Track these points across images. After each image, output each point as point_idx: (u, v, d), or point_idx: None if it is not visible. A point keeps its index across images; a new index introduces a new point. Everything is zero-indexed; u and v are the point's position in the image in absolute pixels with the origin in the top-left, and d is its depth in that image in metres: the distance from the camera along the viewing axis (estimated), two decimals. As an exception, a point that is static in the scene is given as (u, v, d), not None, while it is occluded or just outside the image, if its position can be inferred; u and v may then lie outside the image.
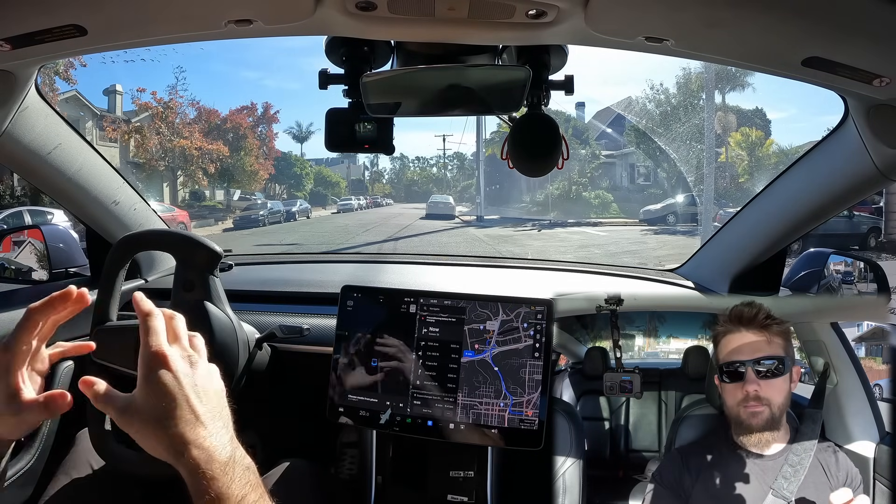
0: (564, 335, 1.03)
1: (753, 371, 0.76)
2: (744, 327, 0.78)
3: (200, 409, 0.47)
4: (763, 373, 0.76)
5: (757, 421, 0.77)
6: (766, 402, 0.76)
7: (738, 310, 0.79)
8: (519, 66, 0.70)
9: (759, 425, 0.77)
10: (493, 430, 0.93)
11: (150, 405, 0.46)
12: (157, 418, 0.45)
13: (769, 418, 0.77)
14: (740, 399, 0.77)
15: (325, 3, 0.58)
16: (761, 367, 0.76)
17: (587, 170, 20.27)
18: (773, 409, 0.77)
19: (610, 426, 1.06)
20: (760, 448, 0.79)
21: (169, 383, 0.46)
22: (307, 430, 1.31)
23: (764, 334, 0.77)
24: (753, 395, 0.76)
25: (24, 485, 1.00)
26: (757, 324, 0.78)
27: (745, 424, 0.78)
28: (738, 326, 0.79)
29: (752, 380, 0.76)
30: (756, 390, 0.76)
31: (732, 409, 0.79)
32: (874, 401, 0.84)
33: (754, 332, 0.78)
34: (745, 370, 0.77)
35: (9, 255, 1.32)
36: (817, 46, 0.60)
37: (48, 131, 0.97)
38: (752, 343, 0.77)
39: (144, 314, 0.50)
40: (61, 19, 0.60)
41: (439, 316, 0.99)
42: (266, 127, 20.55)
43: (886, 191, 10.36)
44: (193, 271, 1.00)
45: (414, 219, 19.10)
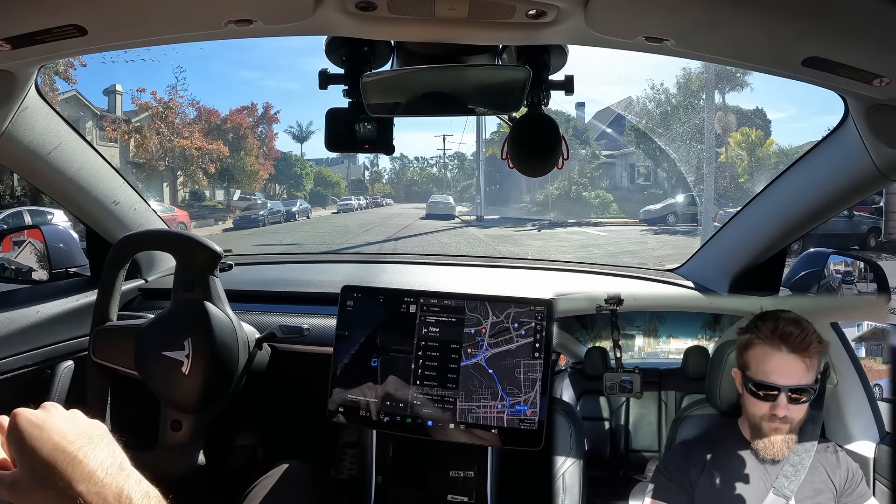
0: (564, 335, 1.03)
1: (787, 397, 0.75)
2: (787, 348, 0.75)
3: (73, 446, 0.44)
4: (795, 398, 0.76)
5: (777, 434, 0.77)
6: (790, 420, 0.76)
7: (786, 330, 0.76)
8: (519, 66, 0.70)
9: (779, 438, 0.78)
10: (493, 431, 0.93)
11: (30, 468, 0.43)
12: (43, 477, 0.43)
13: (788, 432, 0.78)
14: (766, 414, 0.77)
15: (325, 3, 0.59)
16: (797, 394, 0.75)
17: (587, 170, 20.25)
18: (794, 426, 0.77)
19: (610, 426, 1.06)
20: (773, 454, 0.79)
21: (34, 434, 0.44)
22: (307, 431, 1.31)
23: (804, 360, 0.75)
24: (781, 417, 0.76)
25: None
26: (802, 350, 0.75)
27: (766, 436, 0.78)
28: (781, 345, 0.75)
29: (784, 405, 0.75)
30: (785, 413, 0.76)
31: (754, 418, 0.79)
32: (874, 401, 0.84)
33: (797, 357, 0.75)
34: (778, 393, 0.76)
35: (9, 255, 1.32)
36: (817, 46, 0.60)
37: (48, 131, 0.97)
38: (791, 367, 0.75)
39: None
40: (61, 19, 0.60)
41: (439, 316, 0.99)
42: (266, 127, 20.53)
43: (886, 191, 10.36)
44: (193, 271, 1.00)
45: (414, 219, 19.09)
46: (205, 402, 0.97)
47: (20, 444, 0.44)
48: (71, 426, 0.46)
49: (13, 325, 1.02)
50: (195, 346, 0.95)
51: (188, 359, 0.94)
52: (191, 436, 0.97)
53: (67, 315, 1.12)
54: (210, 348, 0.96)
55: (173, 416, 0.96)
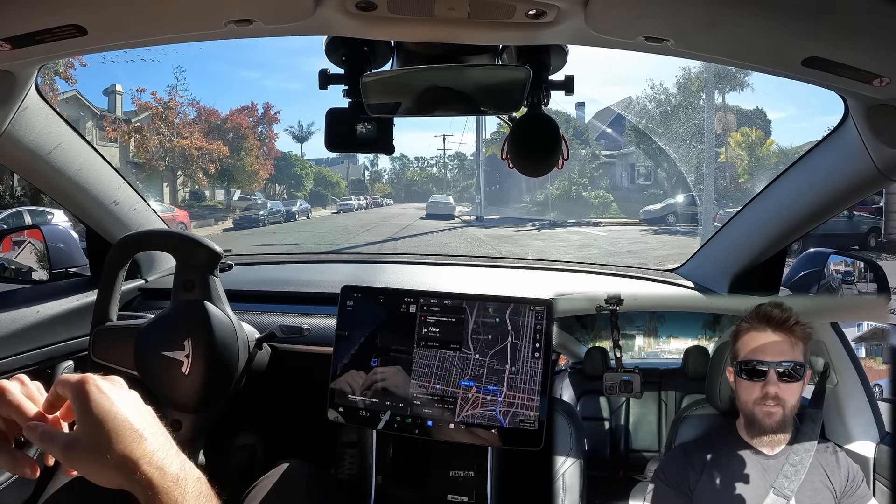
0: (564, 335, 1.03)
1: (775, 373, 0.77)
2: (770, 328, 0.78)
3: (141, 425, 0.46)
4: (784, 375, 0.77)
5: (771, 421, 0.78)
6: (783, 403, 0.77)
7: (767, 310, 0.79)
8: (519, 66, 0.70)
9: (773, 426, 0.78)
10: (493, 431, 0.93)
11: (93, 434, 0.45)
12: (102, 445, 0.44)
13: (782, 420, 0.78)
14: (758, 397, 0.78)
15: (325, 3, 0.58)
16: (783, 369, 0.77)
17: (587, 170, 20.25)
18: (787, 411, 0.78)
19: (610, 426, 1.06)
20: (769, 448, 0.79)
21: (104, 404, 0.46)
22: (307, 431, 1.31)
23: (790, 338, 0.78)
24: (773, 396, 0.77)
25: (24, 485, 1.00)
26: (786, 328, 0.78)
27: (759, 424, 0.79)
28: (765, 327, 0.78)
29: (773, 381, 0.77)
30: (776, 391, 0.77)
31: (747, 405, 0.79)
32: (874, 401, 0.84)
33: (780, 335, 0.78)
34: (767, 370, 0.77)
35: (9, 255, 1.32)
36: (817, 46, 0.60)
37: (48, 131, 0.97)
38: (776, 344, 0.78)
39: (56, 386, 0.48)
40: (61, 19, 0.60)
41: (439, 316, 0.99)
42: (266, 127, 20.55)
43: (886, 191, 10.37)
44: (193, 271, 1.00)
45: (414, 219, 19.09)
46: (205, 401, 0.97)
47: (86, 409, 0.45)
48: (138, 405, 0.49)
49: (13, 325, 1.02)
50: (195, 346, 0.95)
51: (188, 359, 0.94)
52: (191, 436, 0.97)
53: (67, 315, 1.12)
54: (210, 348, 0.96)
55: (173, 416, 0.96)
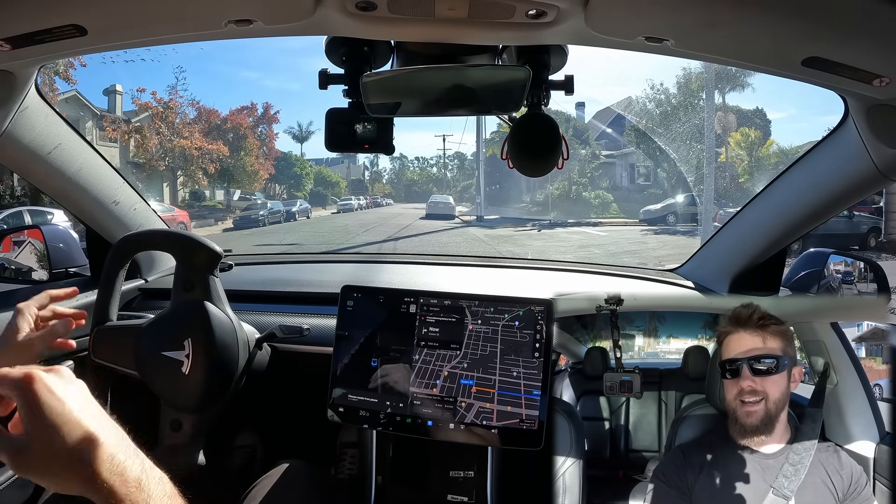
0: (564, 335, 1.03)
1: (749, 368, 0.79)
2: (741, 328, 0.81)
3: (95, 426, 0.42)
4: (758, 369, 0.79)
5: (751, 420, 0.79)
6: (763, 395, 0.78)
7: (736, 311, 0.83)
8: (519, 66, 0.70)
9: (754, 425, 0.79)
10: (493, 430, 0.93)
11: (43, 441, 0.41)
12: (56, 453, 0.41)
13: (764, 416, 0.78)
14: (735, 394, 0.80)
15: (325, 3, 0.59)
16: (756, 364, 0.79)
17: (587, 170, 20.25)
18: (769, 405, 0.79)
19: (610, 426, 1.06)
20: (763, 447, 0.80)
21: (56, 408, 0.41)
22: (307, 431, 1.31)
23: (760, 334, 0.80)
24: (749, 390, 0.79)
25: (23, 485, 1.00)
26: (752, 324, 0.81)
27: (741, 423, 0.80)
28: (737, 327, 0.82)
29: (747, 376, 0.79)
30: (751, 385, 0.79)
31: (730, 404, 0.81)
32: (874, 401, 0.84)
33: (751, 333, 0.81)
34: (740, 366, 0.80)
35: (9, 255, 1.32)
36: (817, 46, 0.60)
37: (48, 131, 0.97)
38: (748, 342, 0.81)
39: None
40: (61, 19, 0.60)
41: (439, 316, 0.99)
42: (266, 127, 20.54)
43: (886, 191, 10.36)
44: (193, 271, 1.00)
45: (414, 219, 19.09)
46: (205, 401, 0.97)
47: (35, 414, 0.41)
48: (87, 400, 0.44)
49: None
50: (195, 346, 0.95)
51: (188, 359, 0.94)
52: (191, 436, 0.97)
53: None
54: (210, 348, 0.96)
55: (173, 416, 0.96)
